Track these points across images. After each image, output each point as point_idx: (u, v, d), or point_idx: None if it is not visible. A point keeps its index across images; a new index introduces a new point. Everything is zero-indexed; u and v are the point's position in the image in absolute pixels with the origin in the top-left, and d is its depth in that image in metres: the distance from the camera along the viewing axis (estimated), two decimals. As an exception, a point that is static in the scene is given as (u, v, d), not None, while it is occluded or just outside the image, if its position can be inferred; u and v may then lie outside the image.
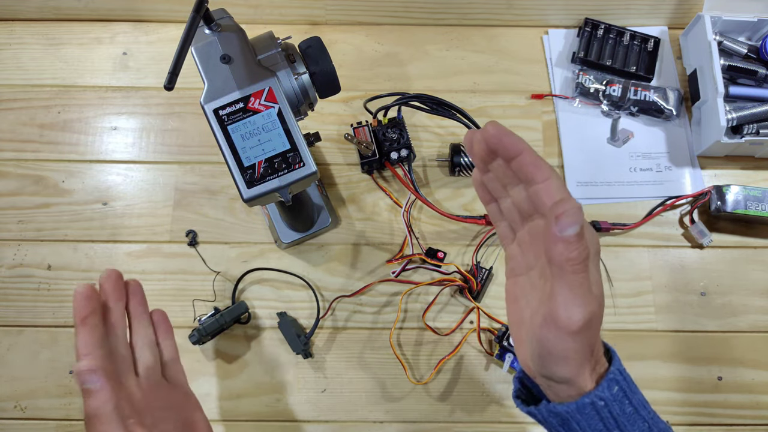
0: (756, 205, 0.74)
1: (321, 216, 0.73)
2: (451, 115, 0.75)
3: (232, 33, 0.52)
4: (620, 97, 0.81)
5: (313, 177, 0.50)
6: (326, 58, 0.53)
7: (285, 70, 0.52)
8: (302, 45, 0.55)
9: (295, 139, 0.49)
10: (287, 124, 0.49)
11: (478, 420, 0.70)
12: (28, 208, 0.78)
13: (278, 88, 0.50)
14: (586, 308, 0.32)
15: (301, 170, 0.49)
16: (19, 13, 0.86)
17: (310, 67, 0.53)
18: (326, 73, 0.53)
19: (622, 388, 0.35)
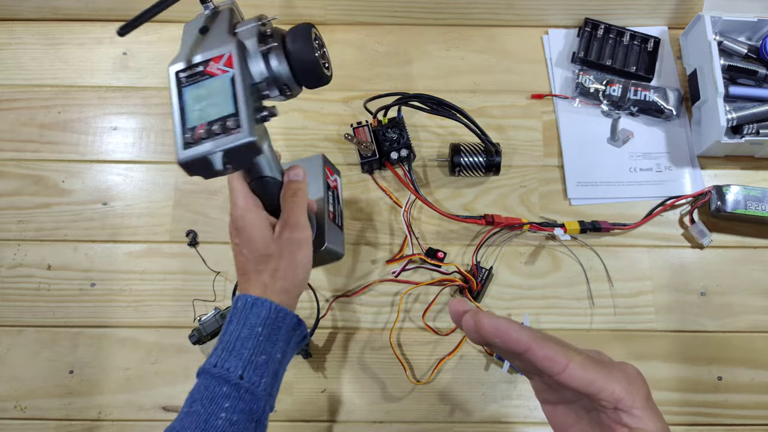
0: (756, 205, 0.74)
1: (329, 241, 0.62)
2: (451, 115, 0.74)
3: (222, 10, 0.51)
4: (620, 97, 0.81)
5: (251, 147, 0.46)
6: (305, 40, 0.49)
7: (252, 40, 0.48)
8: (291, 29, 0.51)
9: (239, 105, 0.46)
10: (236, 90, 0.46)
11: (478, 420, 0.70)
12: (28, 208, 0.78)
13: (239, 55, 0.47)
14: (639, 392, 0.33)
15: (236, 136, 0.45)
16: (19, 13, 0.86)
17: (287, 45, 0.49)
18: (301, 53, 0.49)
19: None
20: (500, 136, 0.81)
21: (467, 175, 0.78)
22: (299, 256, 0.52)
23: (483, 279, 0.72)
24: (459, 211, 0.78)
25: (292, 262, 0.51)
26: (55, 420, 0.70)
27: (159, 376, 0.71)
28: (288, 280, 0.51)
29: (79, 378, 0.71)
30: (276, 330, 0.49)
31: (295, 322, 0.51)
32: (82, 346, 0.73)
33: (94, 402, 0.71)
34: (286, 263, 0.51)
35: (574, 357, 0.33)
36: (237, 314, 0.50)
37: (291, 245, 0.51)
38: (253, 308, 0.49)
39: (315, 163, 0.67)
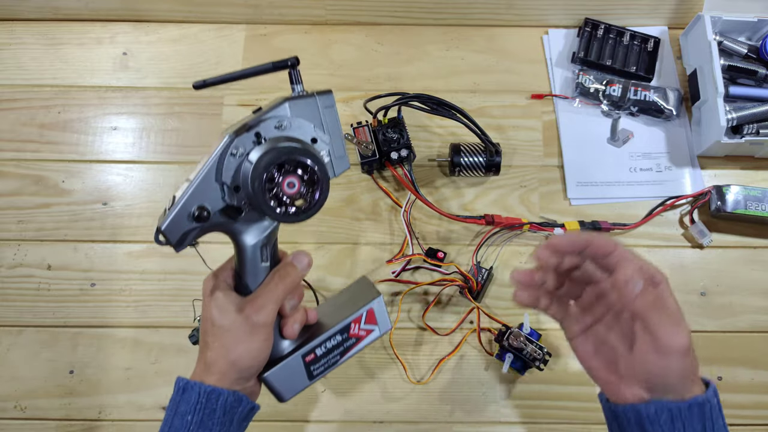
0: (756, 205, 0.74)
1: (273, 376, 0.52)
2: (451, 115, 0.75)
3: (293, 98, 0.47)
4: (620, 97, 0.81)
5: (156, 231, 0.45)
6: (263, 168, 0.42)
7: (243, 137, 0.44)
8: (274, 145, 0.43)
9: (183, 191, 0.45)
10: (195, 177, 0.44)
11: (478, 420, 0.70)
12: (28, 208, 0.78)
13: (222, 147, 0.44)
14: (686, 329, 0.40)
15: (162, 219, 0.45)
16: (19, 13, 0.86)
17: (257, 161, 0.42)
18: (253, 177, 0.42)
19: (719, 402, 0.42)
20: (500, 136, 0.81)
21: (467, 175, 0.78)
22: (247, 342, 0.46)
23: (483, 279, 0.72)
24: (459, 211, 0.78)
25: (238, 345, 0.46)
26: (55, 420, 0.70)
27: (159, 376, 0.71)
28: (227, 362, 0.46)
29: (79, 378, 0.71)
30: (210, 414, 0.46)
31: (232, 400, 0.46)
32: (82, 346, 0.73)
33: (94, 402, 0.71)
34: (231, 342, 0.46)
35: (622, 248, 0.42)
36: (172, 400, 0.48)
37: (244, 325, 0.46)
38: (184, 394, 0.47)
39: (360, 292, 0.56)
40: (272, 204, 0.43)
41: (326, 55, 0.86)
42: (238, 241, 0.48)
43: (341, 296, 0.58)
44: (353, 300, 0.55)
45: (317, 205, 0.45)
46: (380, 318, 0.54)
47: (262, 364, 0.48)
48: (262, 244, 0.48)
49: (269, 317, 0.47)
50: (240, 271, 0.49)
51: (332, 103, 0.47)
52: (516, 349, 0.66)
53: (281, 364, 0.50)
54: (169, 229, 0.45)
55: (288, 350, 0.51)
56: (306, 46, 0.86)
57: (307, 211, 0.44)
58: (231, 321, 0.47)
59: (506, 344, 0.66)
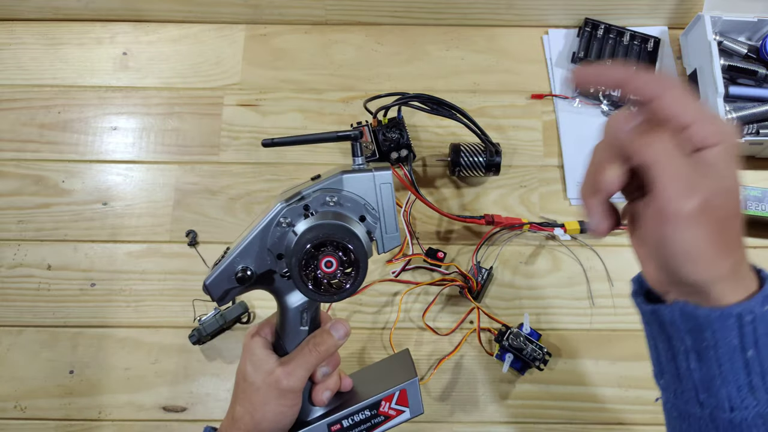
0: (756, 205, 0.74)
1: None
2: (451, 115, 0.75)
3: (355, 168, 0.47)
4: (620, 97, 0.81)
5: (205, 289, 0.46)
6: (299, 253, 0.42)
7: (292, 207, 0.45)
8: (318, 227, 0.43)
9: (233, 248, 0.46)
10: (245, 237, 0.46)
11: (478, 420, 0.70)
12: (28, 208, 0.78)
13: (273, 215, 0.45)
14: (696, 192, 0.31)
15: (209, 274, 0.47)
16: (19, 13, 0.86)
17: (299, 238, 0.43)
18: (294, 253, 0.43)
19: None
20: (500, 136, 0.81)
21: (467, 175, 0.78)
22: (273, 405, 0.46)
23: (483, 279, 0.72)
24: (459, 211, 0.78)
25: (264, 405, 0.46)
26: (55, 420, 0.70)
27: (159, 376, 0.71)
28: (253, 421, 0.46)
29: (79, 378, 0.71)
30: None
31: None
32: (82, 346, 0.73)
33: (94, 402, 0.71)
34: (258, 402, 0.46)
35: (670, 88, 0.32)
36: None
37: (273, 388, 0.46)
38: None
39: (398, 367, 0.56)
40: (306, 281, 0.43)
41: (326, 55, 0.86)
42: (280, 302, 0.49)
43: (379, 367, 0.58)
44: (389, 375, 0.54)
45: (351, 289, 0.44)
46: (412, 400, 0.52)
47: (287, 427, 0.48)
48: (303, 309, 0.48)
49: (298, 384, 0.47)
50: (280, 331, 0.50)
51: (389, 180, 0.47)
52: (516, 349, 0.66)
53: (307, 429, 0.49)
54: (212, 285, 0.46)
55: (317, 414, 0.51)
56: (306, 46, 0.86)
57: (340, 293, 0.44)
58: (261, 380, 0.47)
59: (506, 344, 0.66)
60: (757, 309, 0.32)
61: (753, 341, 0.32)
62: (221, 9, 0.85)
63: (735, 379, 0.33)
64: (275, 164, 0.80)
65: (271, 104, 0.83)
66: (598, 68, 0.34)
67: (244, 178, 0.79)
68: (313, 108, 0.83)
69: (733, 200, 0.32)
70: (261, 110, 0.82)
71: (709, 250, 0.32)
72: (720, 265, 0.32)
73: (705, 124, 0.31)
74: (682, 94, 0.32)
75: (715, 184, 0.31)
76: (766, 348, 0.33)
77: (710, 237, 0.31)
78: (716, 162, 0.31)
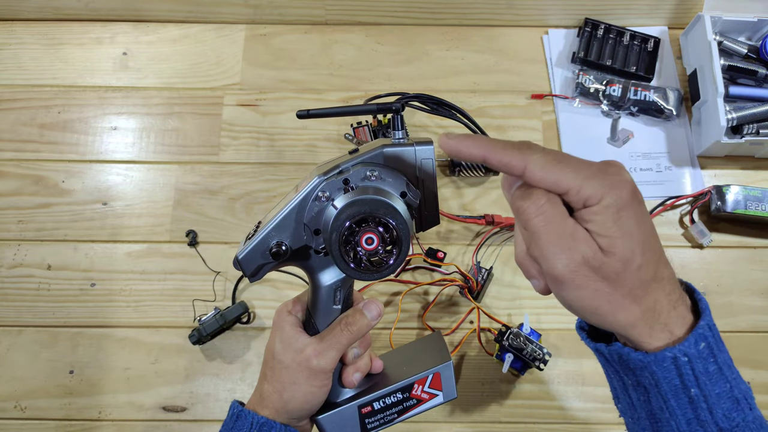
0: (756, 205, 0.74)
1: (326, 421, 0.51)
2: (451, 115, 0.75)
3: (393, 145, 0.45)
4: (620, 97, 0.81)
5: (236, 263, 0.45)
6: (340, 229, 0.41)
7: (330, 182, 0.43)
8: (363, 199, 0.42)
9: (264, 224, 0.45)
10: (280, 212, 0.44)
11: (478, 420, 0.70)
12: (28, 208, 0.78)
13: (310, 188, 0.43)
14: (572, 255, 0.31)
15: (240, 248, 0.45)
16: (19, 13, 0.86)
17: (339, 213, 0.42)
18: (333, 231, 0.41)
19: (709, 344, 0.33)
20: (500, 136, 0.81)
21: (467, 175, 0.78)
22: (303, 384, 0.45)
23: (483, 279, 0.72)
24: (459, 211, 0.78)
25: (293, 385, 0.46)
26: (55, 420, 0.70)
27: (159, 376, 0.71)
28: (281, 399, 0.46)
29: (79, 378, 0.71)
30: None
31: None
32: (82, 346, 0.73)
33: (94, 402, 0.71)
34: (287, 380, 0.46)
35: (533, 158, 0.32)
36: (224, 425, 0.47)
37: (303, 367, 0.45)
38: (237, 421, 0.46)
39: (431, 350, 0.54)
40: (346, 258, 0.42)
41: (326, 55, 0.86)
42: (313, 279, 0.47)
43: (411, 348, 0.57)
44: (423, 357, 0.53)
45: (393, 266, 0.42)
46: (446, 384, 0.51)
47: (315, 408, 0.47)
48: (336, 287, 0.47)
49: (329, 364, 0.46)
50: (311, 309, 0.48)
51: (431, 156, 0.44)
52: (516, 349, 0.66)
53: (337, 410, 0.48)
54: (245, 260, 0.45)
55: (347, 396, 0.49)
56: (306, 46, 0.86)
57: (381, 270, 0.42)
58: (291, 359, 0.46)
59: (506, 344, 0.66)
60: (691, 350, 0.32)
61: (694, 380, 0.33)
62: (221, 9, 0.85)
63: (683, 414, 0.33)
64: (275, 164, 0.80)
65: (271, 104, 0.83)
66: (463, 140, 0.34)
67: (244, 178, 0.79)
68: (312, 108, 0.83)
69: (622, 253, 0.31)
70: (261, 110, 0.82)
71: (604, 305, 0.32)
72: (624, 315, 0.32)
73: (584, 186, 0.31)
74: (547, 161, 0.32)
75: (594, 243, 0.31)
76: (710, 384, 0.33)
77: (600, 293, 0.32)
78: (597, 219, 0.31)
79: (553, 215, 0.32)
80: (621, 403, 0.38)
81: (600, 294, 0.32)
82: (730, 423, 0.33)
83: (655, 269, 0.33)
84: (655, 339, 0.33)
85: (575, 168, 0.32)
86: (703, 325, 0.34)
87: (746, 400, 0.34)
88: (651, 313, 0.33)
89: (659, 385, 0.33)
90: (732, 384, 0.33)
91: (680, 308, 0.34)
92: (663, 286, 0.33)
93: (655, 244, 0.33)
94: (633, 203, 0.32)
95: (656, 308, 0.33)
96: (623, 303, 0.32)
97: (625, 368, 0.34)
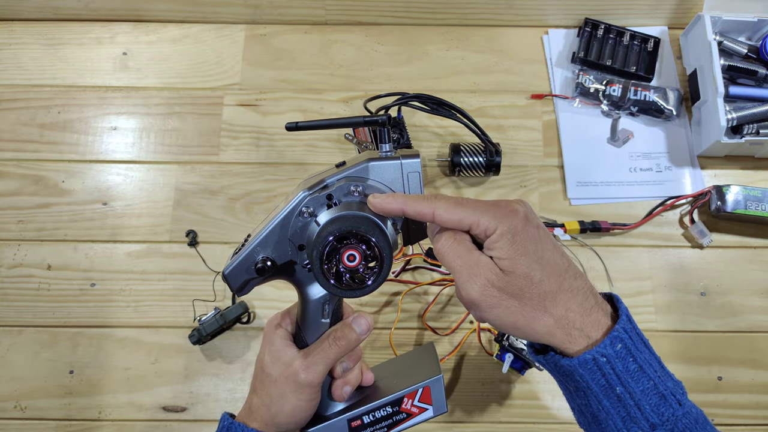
0: (756, 205, 0.74)
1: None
2: (451, 115, 0.75)
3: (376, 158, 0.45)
4: (620, 97, 0.81)
5: (224, 278, 0.45)
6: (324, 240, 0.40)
7: (314, 197, 0.43)
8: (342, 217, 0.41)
9: (249, 241, 0.45)
10: (264, 229, 0.44)
11: (478, 420, 0.70)
12: (28, 208, 0.78)
13: (295, 203, 0.43)
14: (476, 280, 0.37)
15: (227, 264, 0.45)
16: (19, 13, 0.86)
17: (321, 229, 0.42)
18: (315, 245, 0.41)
19: (626, 345, 0.36)
20: (500, 136, 0.81)
21: (467, 175, 0.78)
22: (290, 398, 0.46)
23: (483, 279, 0.72)
24: (459, 211, 0.77)
25: (281, 398, 0.46)
26: (55, 420, 0.70)
27: (159, 376, 0.71)
28: (269, 413, 0.46)
29: (79, 378, 0.71)
30: None
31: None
32: (82, 346, 0.73)
33: (94, 402, 0.71)
34: (275, 394, 0.46)
35: (439, 204, 0.38)
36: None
37: (291, 381, 0.46)
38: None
39: (422, 362, 0.54)
40: (327, 275, 0.41)
41: (326, 55, 0.86)
42: (302, 293, 0.47)
43: (403, 360, 0.57)
44: (413, 370, 0.53)
45: (374, 285, 0.42)
46: (436, 398, 0.50)
47: (304, 421, 0.48)
48: (324, 300, 0.47)
49: (317, 378, 0.46)
50: (300, 323, 0.48)
51: (417, 169, 0.44)
52: (516, 349, 0.66)
53: (326, 423, 0.48)
54: (231, 276, 0.45)
55: (337, 409, 0.49)
56: (306, 46, 0.86)
57: (362, 288, 0.42)
58: (279, 372, 0.46)
59: (506, 344, 0.66)
60: (608, 350, 0.36)
61: (617, 379, 0.36)
62: (221, 9, 0.85)
63: (617, 412, 0.37)
64: (275, 164, 0.80)
65: (271, 104, 0.83)
66: (385, 199, 0.40)
67: (244, 178, 0.79)
68: (313, 108, 0.83)
69: (521, 271, 0.36)
70: (261, 110, 0.82)
71: (520, 319, 0.37)
72: (539, 325, 0.37)
73: (481, 219, 0.37)
74: (449, 204, 0.38)
75: (494, 267, 0.37)
76: (633, 382, 0.36)
77: (513, 309, 0.37)
78: (496, 246, 0.37)
79: (460, 250, 0.38)
80: (575, 413, 0.41)
81: (513, 310, 0.37)
82: (660, 418, 0.36)
83: (560, 282, 0.37)
84: (574, 344, 0.37)
85: (473, 207, 0.38)
86: (619, 328, 0.37)
87: (674, 395, 0.37)
88: (564, 320, 0.37)
89: (590, 387, 0.37)
90: (656, 381, 0.36)
91: (596, 314, 0.37)
92: (574, 296, 0.37)
93: (557, 260, 0.38)
94: (527, 228, 0.37)
95: (568, 316, 0.37)
96: (535, 315, 0.37)
97: (563, 375, 0.38)
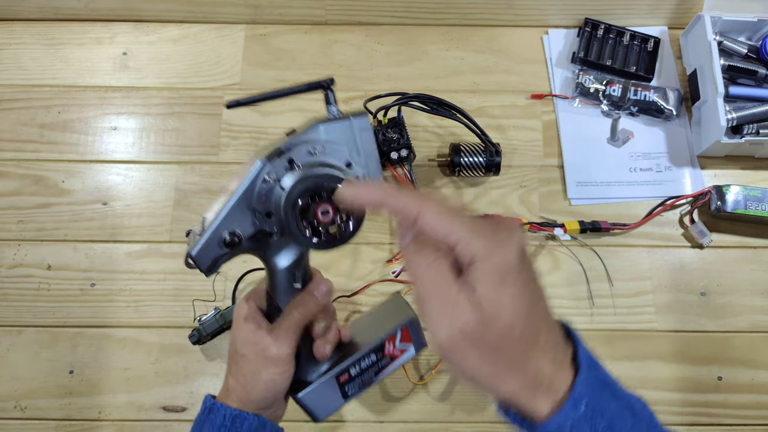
0: (756, 205, 0.74)
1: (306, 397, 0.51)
2: (451, 115, 0.75)
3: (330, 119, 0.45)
4: (620, 97, 0.81)
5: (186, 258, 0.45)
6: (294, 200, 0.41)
7: (276, 163, 0.43)
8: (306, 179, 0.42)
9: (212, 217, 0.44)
10: (226, 204, 0.44)
11: (478, 420, 0.70)
12: (28, 208, 0.78)
13: (255, 172, 0.43)
14: (452, 322, 0.31)
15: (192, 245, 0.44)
16: (19, 13, 0.86)
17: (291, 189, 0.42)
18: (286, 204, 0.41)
19: (588, 404, 0.32)
20: (500, 136, 0.81)
21: (467, 175, 0.78)
22: (263, 373, 0.46)
23: (483, 279, 0.72)
24: (459, 211, 0.77)
25: (254, 375, 0.47)
26: (55, 420, 0.70)
27: (159, 376, 0.71)
28: (244, 390, 0.47)
29: (79, 378, 0.71)
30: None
31: (256, 425, 0.47)
32: (82, 346, 0.73)
33: (94, 402, 0.71)
34: (248, 371, 0.47)
35: (428, 206, 0.32)
36: (197, 419, 0.48)
37: (261, 357, 0.46)
38: (210, 414, 0.47)
39: (393, 311, 0.55)
40: (306, 233, 0.42)
41: (326, 55, 0.86)
42: (269, 265, 0.47)
43: (374, 314, 0.58)
44: (387, 319, 0.54)
45: (353, 232, 0.43)
46: (415, 337, 0.53)
47: (279, 395, 0.48)
48: (293, 267, 0.47)
49: (286, 350, 0.46)
50: (273, 294, 0.49)
51: (368, 126, 0.45)
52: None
53: (315, 384, 0.49)
54: (199, 255, 0.44)
55: (322, 370, 0.50)
56: (306, 46, 0.86)
57: (342, 238, 0.43)
58: (250, 351, 0.47)
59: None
60: (572, 415, 0.32)
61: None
62: (221, 9, 0.85)
63: None
64: (275, 164, 0.80)
65: (271, 104, 0.83)
66: (361, 188, 0.36)
67: (244, 178, 0.79)
68: (313, 108, 0.83)
69: (504, 320, 0.30)
70: (261, 110, 0.82)
71: (484, 377, 0.32)
72: (505, 386, 0.32)
73: (472, 242, 0.31)
74: (441, 210, 0.32)
75: (473, 313, 0.30)
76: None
77: (479, 365, 0.31)
78: (481, 281, 0.30)
79: (438, 278, 0.31)
80: None
81: (479, 366, 0.32)
82: None
83: (537, 335, 0.32)
84: (540, 405, 0.32)
85: (467, 222, 0.31)
86: (578, 387, 0.32)
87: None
88: (533, 381, 0.32)
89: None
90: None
91: (563, 368, 0.33)
92: (546, 354, 0.32)
93: (541, 309, 0.33)
94: (520, 266, 0.31)
95: (538, 376, 0.32)
96: (502, 373, 0.32)
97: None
